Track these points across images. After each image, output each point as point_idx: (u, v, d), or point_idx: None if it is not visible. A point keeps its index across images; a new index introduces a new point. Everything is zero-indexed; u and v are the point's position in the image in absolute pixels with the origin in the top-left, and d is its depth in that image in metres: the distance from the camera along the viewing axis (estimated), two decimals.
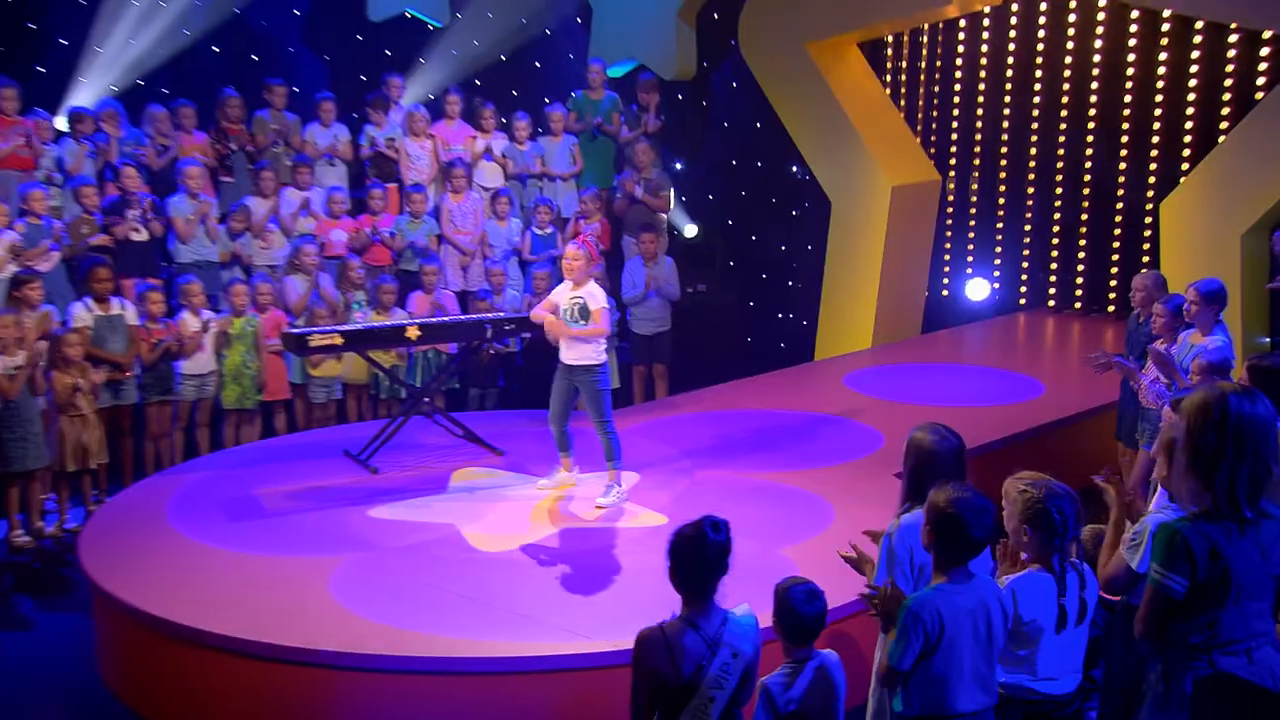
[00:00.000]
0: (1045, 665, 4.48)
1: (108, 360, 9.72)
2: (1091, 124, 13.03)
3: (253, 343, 10.55)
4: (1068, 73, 13.05)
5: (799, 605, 4.69)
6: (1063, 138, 13.23)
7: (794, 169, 13.85)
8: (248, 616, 6.45)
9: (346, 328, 9.18)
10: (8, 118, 11.72)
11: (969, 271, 13.99)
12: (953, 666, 4.15)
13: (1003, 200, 13.74)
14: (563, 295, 8.06)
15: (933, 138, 14.03)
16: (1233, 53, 11.85)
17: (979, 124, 13.75)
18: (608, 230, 12.62)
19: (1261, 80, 11.62)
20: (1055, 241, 13.53)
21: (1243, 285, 10.28)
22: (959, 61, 13.81)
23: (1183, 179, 11.71)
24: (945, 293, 14.09)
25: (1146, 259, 12.49)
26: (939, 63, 13.97)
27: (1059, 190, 13.39)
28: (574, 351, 8.04)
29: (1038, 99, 13.24)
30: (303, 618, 6.47)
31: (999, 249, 13.85)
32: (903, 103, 13.99)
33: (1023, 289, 13.83)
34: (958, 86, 13.84)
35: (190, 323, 10.26)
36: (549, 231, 12.47)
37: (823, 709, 4.62)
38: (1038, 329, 13.07)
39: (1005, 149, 13.64)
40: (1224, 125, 11.89)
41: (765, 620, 4.78)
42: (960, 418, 9.67)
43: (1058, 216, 13.47)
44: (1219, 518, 3.75)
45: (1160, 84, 12.46)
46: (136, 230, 11.27)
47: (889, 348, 12.53)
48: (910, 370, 11.35)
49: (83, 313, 9.77)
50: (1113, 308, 13.12)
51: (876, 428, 9.60)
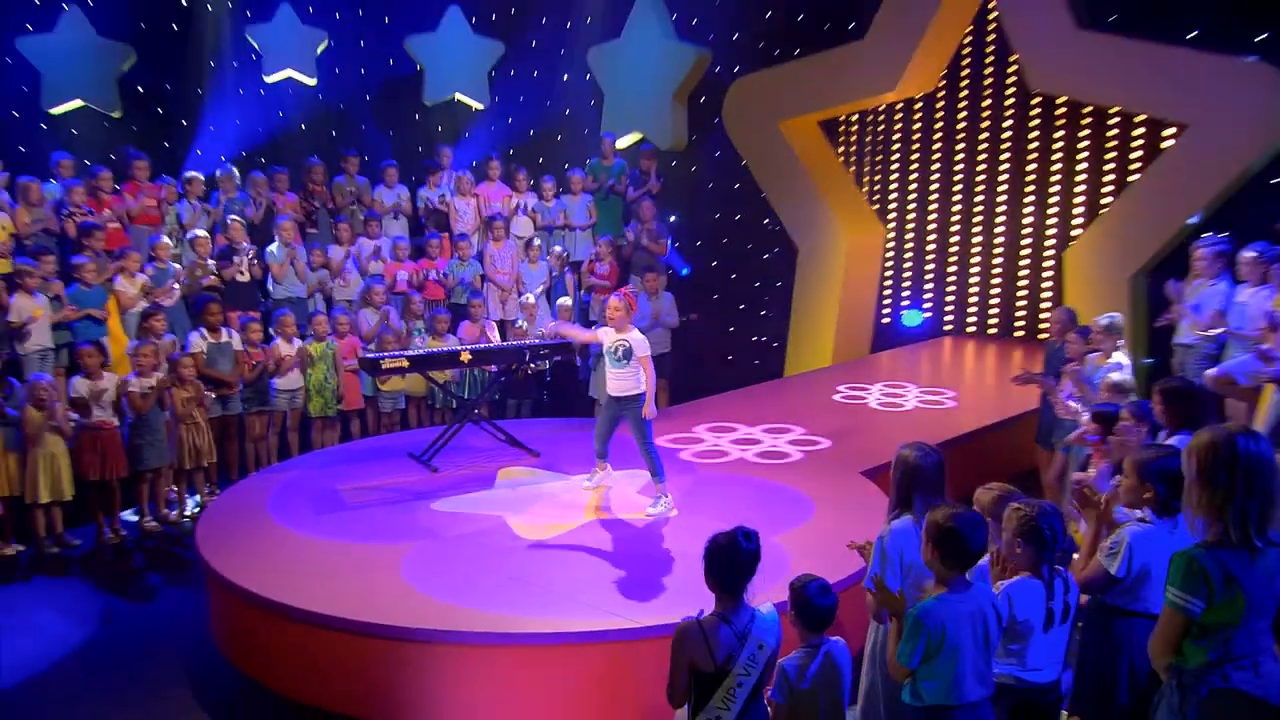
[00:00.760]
0: (1034, 658, 4.30)
1: (217, 379, 9.75)
2: (1003, 187, 12.89)
3: (331, 363, 10.64)
4: (982, 144, 12.97)
5: (814, 598, 4.50)
6: (980, 197, 13.13)
7: (766, 221, 13.72)
8: (331, 594, 6.31)
9: (412, 353, 9.07)
10: (141, 183, 11.65)
11: (905, 304, 13.82)
12: (955, 665, 3.95)
13: (932, 247, 13.67)
14: (608, 337, 7.72)
15: (876, 196, 13.93)
16: (1114, 131, 11.84)
17: (912, 185, 13.68)
18: (617, 271, 12.48)
19: (1136, 154, 11.63)
20: (973, 281, 13.40)
21: (1130, 318, 10.05)
22: (896, 135, 13.79)
23: (1081, 233, 11.67)
24: (886, 320, 13.88)
25: (1047, 294, 12.41)
26: (881, 136, 13.89)
27: (977, 240, 13.30)
28: (620, 385, 7.65)
29: (959, 165, 13.15)
30: (377, 597, 6.31)
31: (928, 286, 13.69)
32: (853, 168, 13.82)
33: (947, 318, 13.63)
34: (895, 155, 13.82)
35: (282, 348, 10.31)
36: (562, 273, 12.69)
37: (831, 688, 4.43)
38: (960, 350, 12.90)
39: (934, 205, 13.55)
40: (1108, 190, 11.84)
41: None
42: (906, 424, 9.55)
43: (976, 261, 13.35)
44: (1231, 546, 3.49)
45: (1057, 154, 12.40)
46: (241, 273, 11.33)
47: (843, 365, 12.41)
48: (865, 383, 11.12)
49: (198, 340, 9.85)
50: (1020, 333, 13.03)
51: (835, 436, 9.36)
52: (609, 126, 14.16)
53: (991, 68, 12.74)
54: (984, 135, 12.95)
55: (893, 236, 13.99)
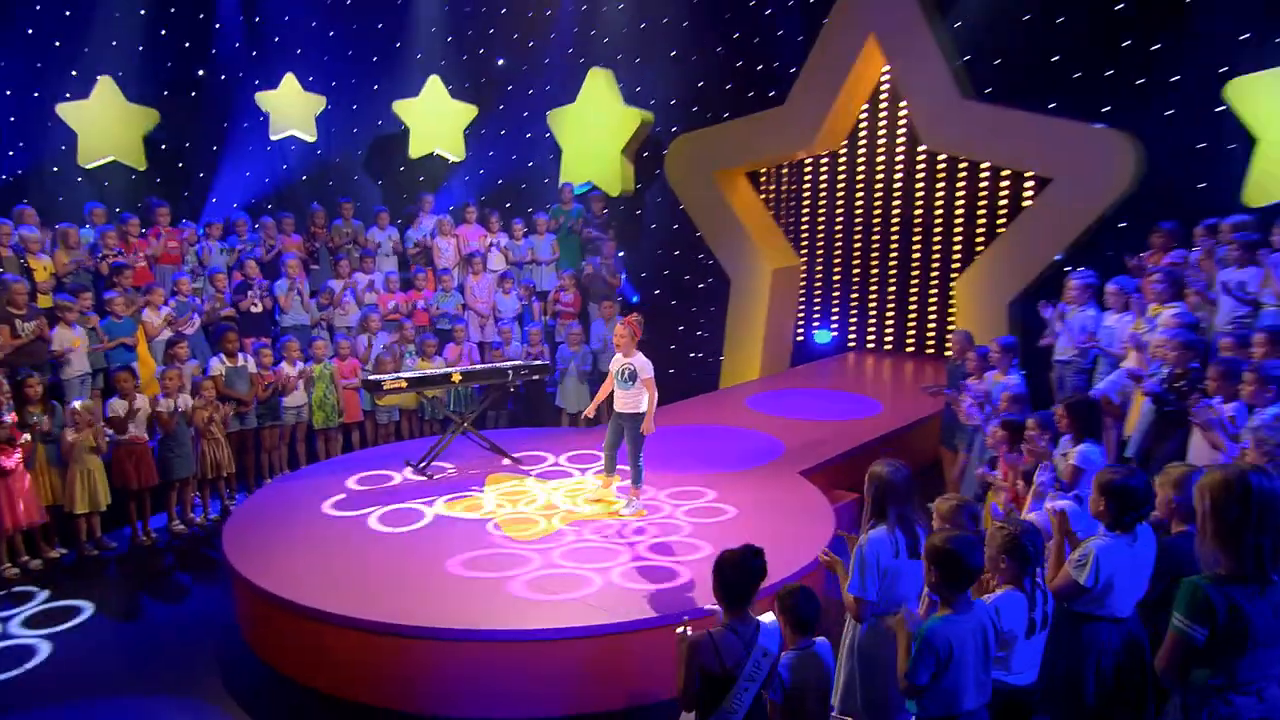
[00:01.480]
0: (1017, 663, 4.09)
1: (235, 398, 9.24)
2: (895, 226, 12.77)
3: (330, 381, 10.16)
4: (878, 189, 12.79)
5: (800, 604, 4.17)
6: (876, 235, 12.99)
7: (700, 256, 13.46)
8: (341, 593, 5.93)
9: (409, 375, 8.66)
10: (163, 228, 11.15)
11: (816, 324, 13.60)
12: (960, 678, 3.66)
13: (838, 276, 13.45)
14: (615, 362, 7.30)
15: (791, 233, 13.60)
16: (984, 181, 11.73)
17: (821, 225, 13.41)
18: (579, 299, 12.09)
19: (1003, 201, 11.58)
20: (872, 304, 13.20)
21: None
22: (806, 181, 13.48)
23: (969, 265, 11.48)
24: (800, 338, 13.65)
25: (933, 316, 12.29)
26: (794, 184, 13.59)
27: (874, 270, 13.10)
28: (625, 403, 7.19)
29: (859, 205, 12.96)
30: (388, 595, 5.92)
31: (836, 308, 13.47)
32: (773, 209, 13.56)
33: (851, 336, 13.44)
34: (806, 199, 13.51)
35: (287, 369, 9.80)
36: (531, 301, 12.28)
37: (818, 685, 4.14)
38: (863, 364, 12.74)
39: (839, 241, 13.33)
40: (980, 231, 11.71)
41: None
42: (828, 430, 9.33)
43: (874, 288, 13.17)
44: (1242, 579, 3.14)
45: (940, 200, 12.26)
46: (255, 305, 10.77)
47: (771, 378, 12.05)
48: (790, 393, 10.84)
49: (217, 365, 9.41)
50: (911, 348, 12.85)
51: (778, 438, 9.09)
52: (566, 177, 13.82)
53: (884, 126, 12.58)
54: (878, 181, 12.74)
55: (804, 267, 13.72)
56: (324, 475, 8.30)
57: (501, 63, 14.41)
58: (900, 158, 12.50)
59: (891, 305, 13.04)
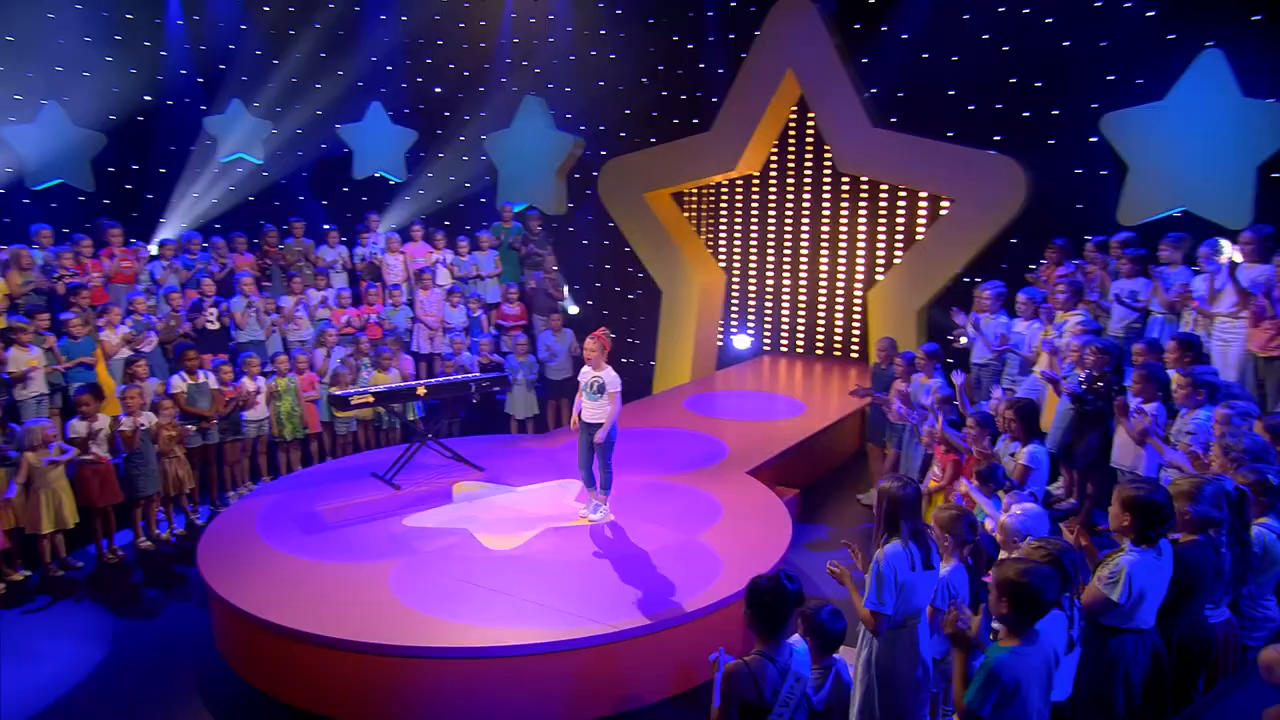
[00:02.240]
0: (1055, 680, 3.63)
1: (198, 414, 8.43)
2: (806, 238, 12.62)
3: (295, 394, 9.25)
4: (788, 207, 12.65)
5: (827, 624, 3.74)
6: (786, 250, 12.81)
7: (630, 269, 13.09)
8: (316, 612, 5.37)
9: (377, 389, 8.03)
10: (116, 248, 10.15)
11: (734, 330, 13.37)
12: (1023, 712, 3.28)
13: (753, 286, 13.24)
14: (585, 375, 6.77)
15: (710, 247, 13.33)
16: (884, 201, 11.69)
17: (738, 239, 13.23)
18: (524, 311, 11.58)
19: (900, 220, 11.52)
20: (785, 312, 13.05)
21: (918, 341, 9.90)
22: (724, 200, 13.22)
23: (880, 277, 11.39)
24: (720, 343, 13.38)
25: (839, 321, 12.18)
26: (713, 203, 13.33)
27: (786, 280, 12.95)
28: (593, 414, 6.68)
29: (771, 223, 12.76)
30: (363, 613, 5.38)
31: (751, 316, 13.25)
32: (695, 226, 13.24)
33: (766, 340, 13.24)
34: (724, 216, 13.24)
35: (248, 385, 9.00)
36: (478, 313, 11.61)
37: (841, 702, 3.78)
38: (780, 366, 12.59)
39: (755, 254, 13.16)
40: (881, 245, 11.66)
41: None
42: (762, 430, 9.07)
43: (786, 296, 13.02)
44: None
45: (845, 217, 12.20)
46: (210, 322, 9.88)
47: (701, 381, 11.74)
48: (721, 396, 10.57)
49: (179, 382, 8.54)
50: (820, 351, 12.75)
51: (720, 438, 8.77)
52: (504, 197, 13.27)
53: (794, 150, 12.43)
54: (787, 200, 12.59)
55: (723, 279, 13.48)
56: (293, 490, 7.61)
57: (438, 90, 13.75)
58: (809, 178, 12.38)
59: (803, 312, 12.92)
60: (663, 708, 5.28)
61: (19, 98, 11.34)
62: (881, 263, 11.91)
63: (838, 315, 12.55)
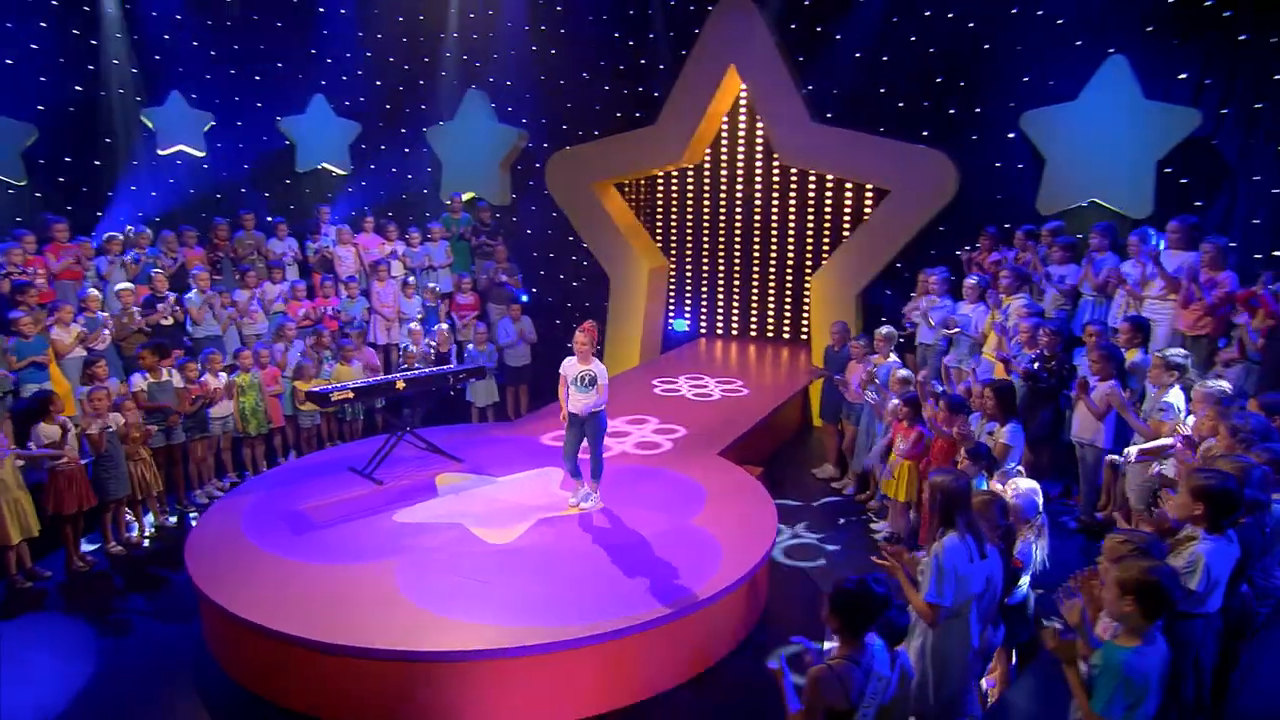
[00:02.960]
0: None
1: (161, 409, 7.74)
2: (738, 228, 12.51)
3: (259, 389, 8.62)
4: (739, 196, 12.44)
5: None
6: (722, 237, 12.69)
7: (574, 258, 12.71)
8: (340, 621, 4.95)
9: (356, 384, 7.49)
10: (62, 244, 9.16)
11: (671, 314, 13.15)
12: (1148, 712, 3.08)
13: (689, 272, 13.03)
14: (572, 369, 6.40)
15: (656, 236, 13.05)
16: (812, 191, 11.67)
17: (674, 227, 13.01)
18: (478, 301, 11.10)
19: (828, 209, 11.58)
20: (720, 297, 12.92)
21: (860, 324, 9.93)
22: (659, 190, 12.96)
23: (810, 263, 11.30)
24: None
25: (772, 305, 12.13)
26: (650, 193, 13.06)
27: (721, 266, 12.81)
28: (584, 404, 6.34)
29: (723, 213, 12.60)
30: (391, 623, 4.94)
31: (689, 301, 13.08)
32: (639, 216, 12.94)
33: (703, 324, 13.11)
34: (660, 206, 12.99)
35: (212, 381, 8.30)
36: (435, 305, 10.96)
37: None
38: (717, 349, 12.44)
39: (690, 241, 12.94)
40: (810, 233, 11.60)
41: None
42: (718, 410, 8.93)
43: (721, 282, 12.87)
44: None
45: (776, 206, 12.12)
46: (165, 318, 9.02)
47: (649, 365, 11.54)
48: (672, 378, 10.42)
49: (140, 380, 7.79)
50: (753, 334, 12.68)
51: (681, 420, 8.57)
52: (447, 188, 12.68)
53: (726, 141, 12.26)
54: (739, 189, 12.37)
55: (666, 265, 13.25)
56: (274, 488, 7.05)
57: (379, 84, 13.00)
58: (740, 169, 12.25)
59: (737, 296, 12.82)
60: (679, 692, 5.08)
61: None
62: (811, 249, 11.91)
63: (770, 299, 12.52)
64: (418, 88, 12.99)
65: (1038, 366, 6.59)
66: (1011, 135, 9.78)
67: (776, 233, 12.17)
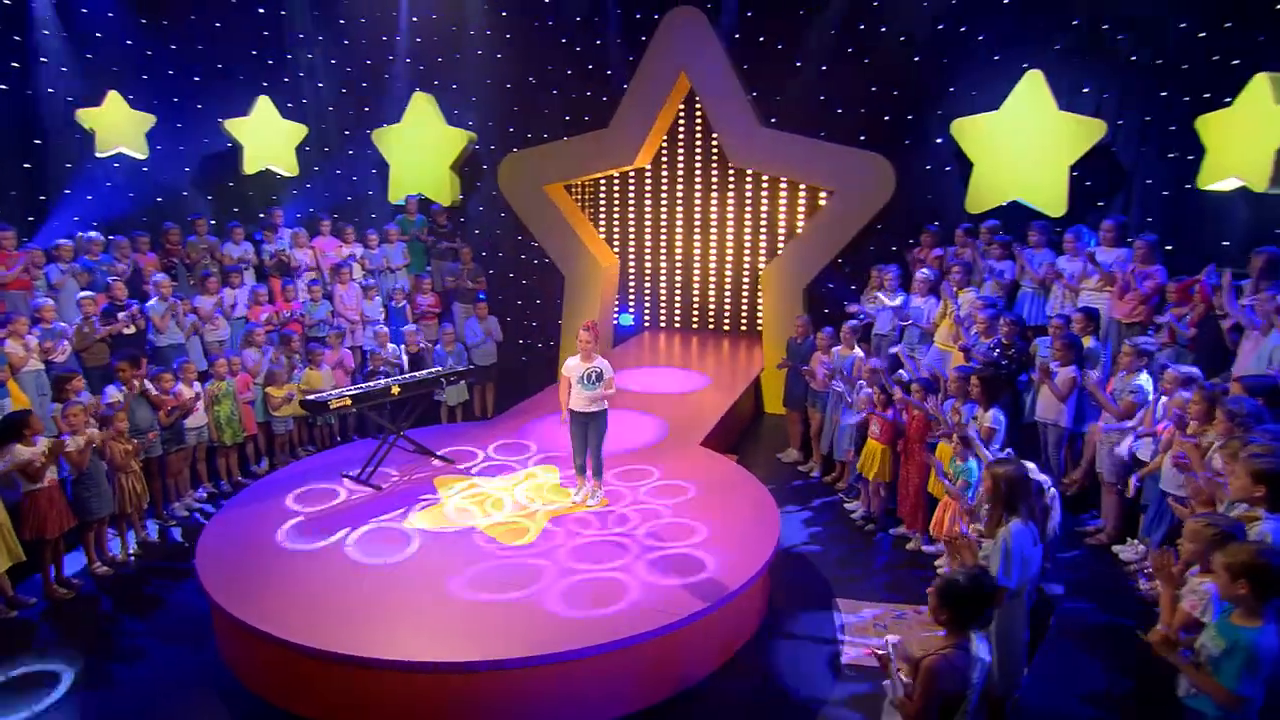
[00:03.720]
0: None
1: (143, 426, 7.18)
2: (680, 222, 12.52)
3: (233, 398, 8.09)
4: (663, 197, 12.46)
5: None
6: (679, 235, 12.59)
7: (524, 256, 12.47)
8: (336, 628, 4.73)
9: (353, 391, 7.07)
10: (8, 252, 8.34)
11: (617, 308, 13.07)
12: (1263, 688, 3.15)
13: (633, 268, 12.95)
14: (577, 368, 6.23)
15: (600, 231, 12.90)
16: (748, 191, 11.74)
17: (616, 226, 12.90)
18: (439, 301, 10.73)
19: (764, 207, 11.60)
20: (663, 290, 12.89)
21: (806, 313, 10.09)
22: (603, 191, 12.80)
23: (748, 259, 11.41)
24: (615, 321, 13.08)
25: (713, 298, 12.16)
26: (593, 193, 12.89)
27: (664, 263, 12.79)
28: (588, 402, 6.22)
29: (665, 213, 12.58)
30: (399, 626, 4.74)
31: (632, 295, 13.02)
32: (584, 211, 12.78)
33: (646, 318, 13.10)
34: (603, 206, 12.79)
35: (186, 391, 7.75)
36: (401, 306, 10.50)
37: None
38: (664, 341, 12.43)
39: (634, 239, 12.86)
40: (748, 231, 11.65)
41: None
42: (688, 403, 8.94)
43: (664, 277, 12.89)
44: None
45: (714, 205, 12.17)
46: (127, 327, 8.34)
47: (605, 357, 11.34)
48: (631, 372, 10.24)
49: (115, 393, 7.23)
50: (695, 325, 12.73)
51: (657, 415, 8.51)
52: (395, 190, 12.19)
53: (666, 142, 12.23)
54: (664, 189, 12.40)
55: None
56: (272, 497, 6.62)
57: (320, 86, 12.35)
58: (681, 166, 12.24)
59: (679, 291, 12.85)
60: (708, 681, 5.07)
61: None
62: (749, 245, 12.06)
63: (710, 292, 12.61)
64: (362, 90, 12.42)
65: (998, 354, 6.87)
66: (940, 140, 10.13)
67: (716, 231, 12.23)
